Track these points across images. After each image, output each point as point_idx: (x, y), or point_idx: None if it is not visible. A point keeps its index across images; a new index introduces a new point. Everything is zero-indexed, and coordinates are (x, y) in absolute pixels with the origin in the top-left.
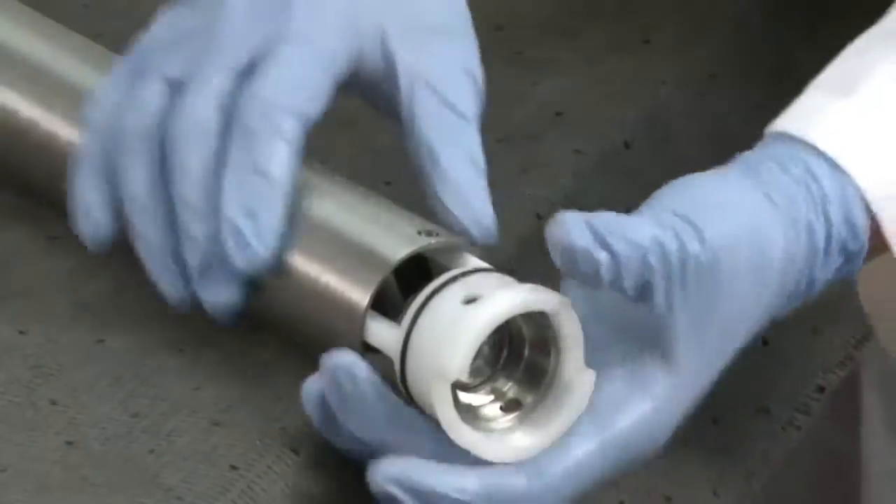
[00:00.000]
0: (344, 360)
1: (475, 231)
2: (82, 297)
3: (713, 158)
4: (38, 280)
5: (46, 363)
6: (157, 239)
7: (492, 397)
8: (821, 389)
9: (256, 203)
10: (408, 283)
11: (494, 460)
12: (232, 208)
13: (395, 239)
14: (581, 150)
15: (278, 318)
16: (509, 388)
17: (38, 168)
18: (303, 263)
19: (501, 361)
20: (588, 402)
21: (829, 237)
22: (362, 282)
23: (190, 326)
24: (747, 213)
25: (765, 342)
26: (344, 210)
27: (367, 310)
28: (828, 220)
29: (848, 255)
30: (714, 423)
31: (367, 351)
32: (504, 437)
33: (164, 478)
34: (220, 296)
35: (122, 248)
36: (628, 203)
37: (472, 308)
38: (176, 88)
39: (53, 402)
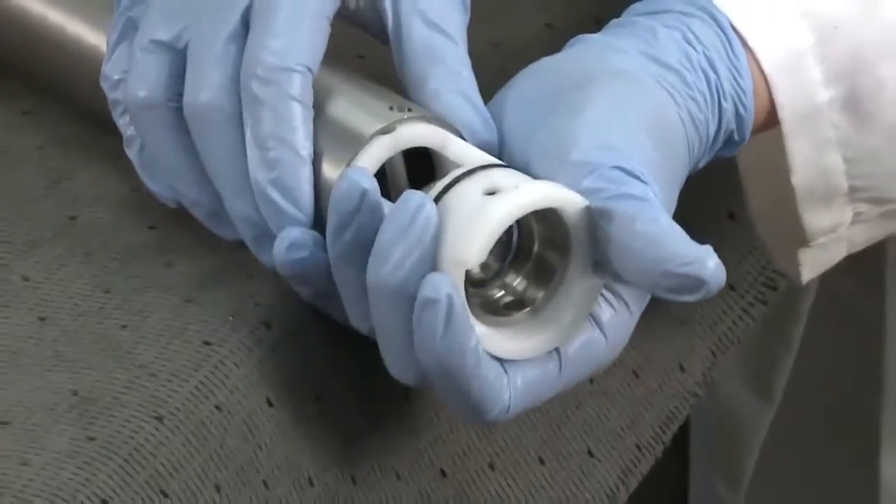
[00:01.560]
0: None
1: (480, 131)
2: (53, 174)
3: None
4: (8, 155)
5: (17, 239)
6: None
7: (501, 292)
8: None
9: (284, 174)
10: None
11: (498, 355)
12: (262, 184)
13: (367, 116)
14: (552, 25)
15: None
16: (518, 283)
17: (11, 41)
18: None
19: (511, 256)
20: (591, 309)
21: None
22: (335, 160)
23: (162, 204)
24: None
25: (731, 216)
26: (317, 85)
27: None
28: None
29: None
30: None
31: None
32: (510, 333)
33: (138, 354)
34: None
35: (89, 121)
36: None
37: (495, 198)
38: (174, 54)
39: (26, 279)
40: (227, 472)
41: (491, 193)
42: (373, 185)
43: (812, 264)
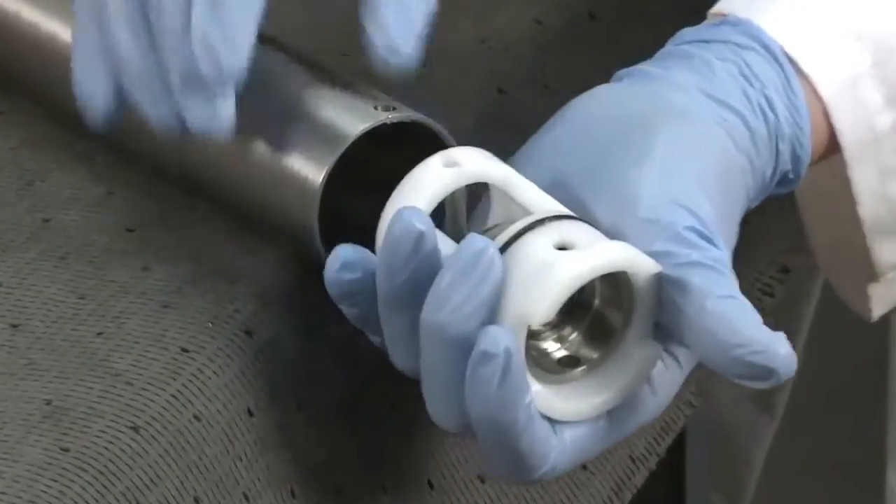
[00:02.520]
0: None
1: (389, 57)
2: (26, 176)
3: None
4: None
5: None
6: (139, 63)
7: (556, 346)
8: (785, 270)
9: (226, 14)
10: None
11: (550, 415)
12: (201, 22)
13: (352, 115)
14: (541, 21)
15: (234, 197)
16: (574, 339)
17: None
18: (258, 141)
19: (568, 309)
20: (649, 374)
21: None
22: (317, 160)
23: (139, 206)
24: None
25: None
26: (300, 86)
27: (321, 188)
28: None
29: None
30: None
31: (326, 231)
32: (564, 392)
33: (114, 361)
34: (201, 110)
35: (67, 125)
36: (593, 79)
37: (569, 255)
38: None
39: None
40: (207, 484)
41: (562, 249)
42: (429, 228)
43: (882, 298)
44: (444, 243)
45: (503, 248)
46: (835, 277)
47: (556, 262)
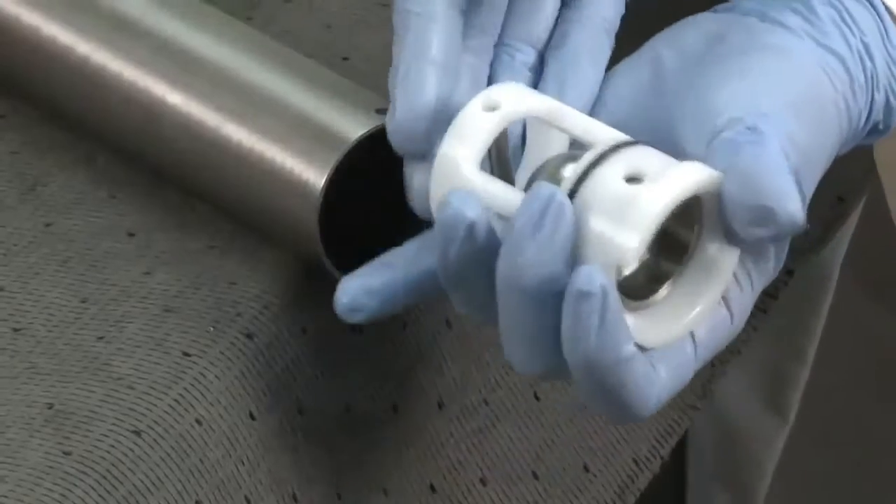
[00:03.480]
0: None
1: None
2: (28, 180)
3: None
4: None
5: None
6: None
7: (634, 268)
8: (789, 272)
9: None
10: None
11: (645, 345)
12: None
13: (353, 118)
14: None
15: (234, 201)
16: (649, 260)
17: None
18: (259, 144)
19: None
20: (730, 279)
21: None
22: (318, 162)
23: (141, 210)
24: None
25: None
26: (301, 89)
27: (322, 191)
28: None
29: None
30: None
31: (327, 234)
32: (652, 319)
33: (115, 365)
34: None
35: (67, 128)
36: None
37: (646, 189)
38: None
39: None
40: (208, 488)
41: (633, 179)
42: (478, 215)
43: None
44: (498, 190)
45: (574, 190)
46: None
47: (636, 197)
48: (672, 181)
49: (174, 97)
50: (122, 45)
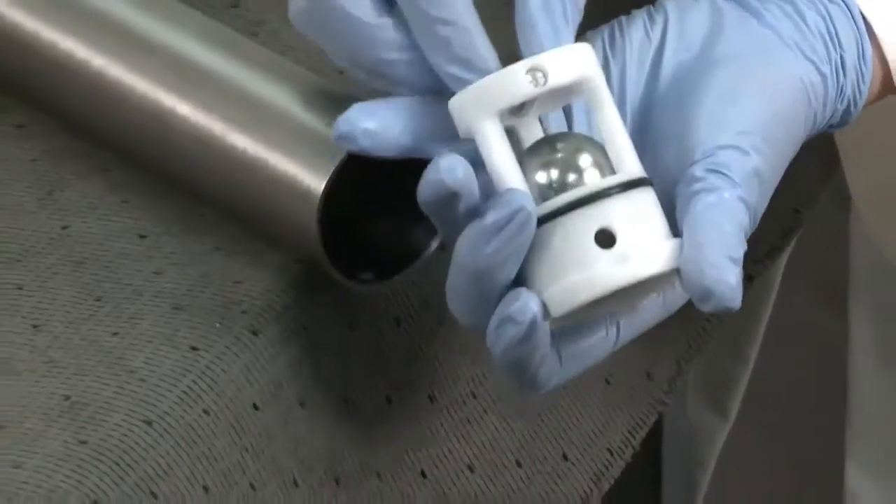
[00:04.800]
0: None
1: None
2: (46, 186)
3: None
4: (3, 169)
5: (11, 249)
6: None
7: None
8: (749, 278)
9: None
10: None
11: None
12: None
13: None
14: None
15: (240, 205)
16: None
17: (4, 58)
18: (262, 151)
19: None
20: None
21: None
22: (319, 169)
23: (152, 214)
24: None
25: None
26: (302, 100)
27: (322, 196)
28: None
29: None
30: None
31: (327, 237)
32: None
33: (128, 360)
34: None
35: (84, 138)
36: None
37: (603, 263)
38: None
39: (19, 288)
40: (215, 474)
41: (604, 238)
42: (463, 185)
43: None
44: (499, 159)
45: (549, 216)
46: (881, 238)
47: (589, 263)
48: (626, 269)
49: (183, 108)
50: (134, 60)
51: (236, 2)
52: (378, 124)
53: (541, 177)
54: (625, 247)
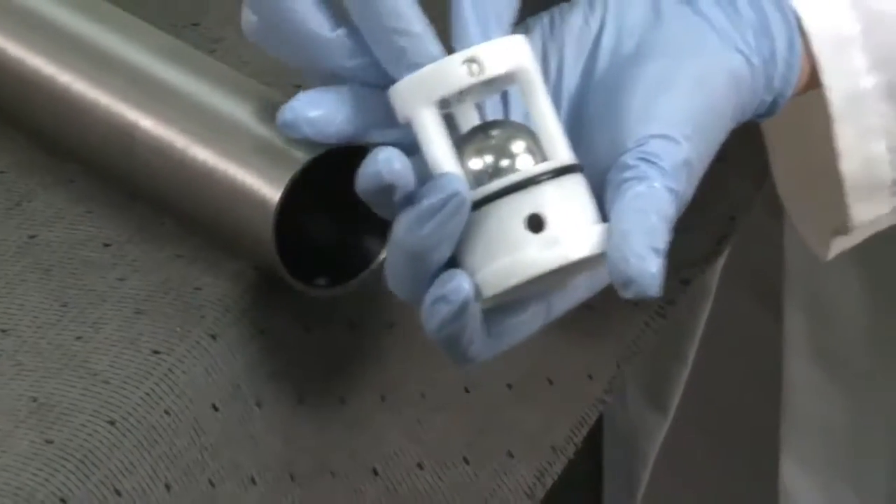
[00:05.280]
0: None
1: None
2: (14, 196)
3: None
4: None
5: None
6: None
7: None
8: (686, 282)
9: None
10: None
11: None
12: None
13: (306, 140)
14: None
15: (200, 215)
16: None
17: None
18: (222, 163)
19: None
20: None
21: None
22: (275, 180)
23: (115, 223)
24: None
25: None
26: (259, 114)
27: (277, 206)
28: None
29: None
30: (589, 310)
31: (283, 245)
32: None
33: (93, 363)
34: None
35: (47, 147)
36: None
37: (534, 246)
38: None
39: None
40: (176, 472)
41: (534, 222)
42: (398, 178)
43: (839, 247)
44: (435, 147)
45: (483, 201)
46: (800, 223)
47: (520, 247)
48: (555, 253)
49: (146, 122)
50: (99, 76)
51: (196, 20)
52: (321, 113)
53: (475, 163)
54: (554, 231)
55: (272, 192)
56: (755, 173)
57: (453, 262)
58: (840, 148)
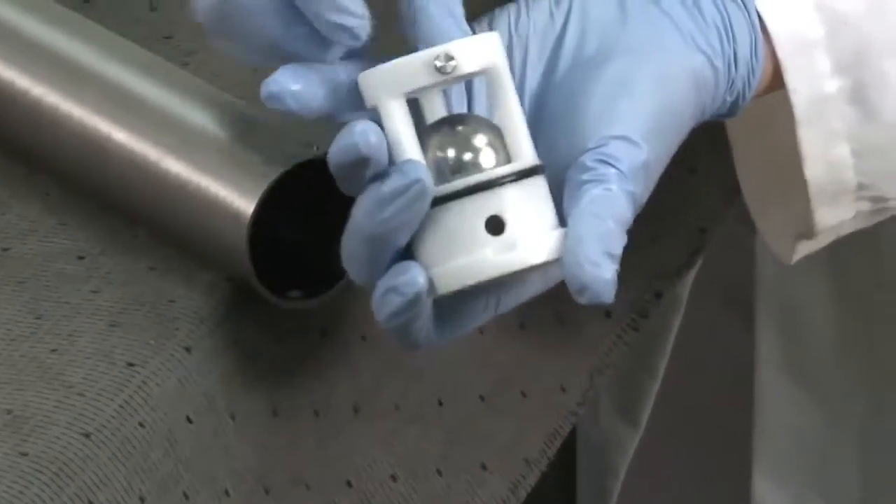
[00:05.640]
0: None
1: None
2: None
3: None
4: None
5: None
6: None
7: None
8: (658, 295)
9: None
10: None
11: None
12: None
13: (279, 152)
14: None
15: (174, 227)
16: None
17: None
18: (194, 174)
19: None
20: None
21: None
22: (248, 192)
23: (89, 235)
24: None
25: None
26: (232, 127)
27: (251, 218)
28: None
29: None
30: (562, 323)
31: (257, 257)
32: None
33: (67, 375)
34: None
35: (20, 160)
36: None
37: (491, 249)
38: None
39: None
40: (151, 484)
41: (494, 224)
42: (378, 141)
43: (804, 250)
44: (402, 136)
45: (444, 198)
46: (764, 226)
47: (478, 248)
48: (511, 257)
49: (119, 135)
50: (72, 89)
51: (169, 33)
52: (304, 87)
53: (439, 156)
54: (513, 235)
55: (246, 205)
56: (726, 185)
57: (410, 253)
58: (804, 152)
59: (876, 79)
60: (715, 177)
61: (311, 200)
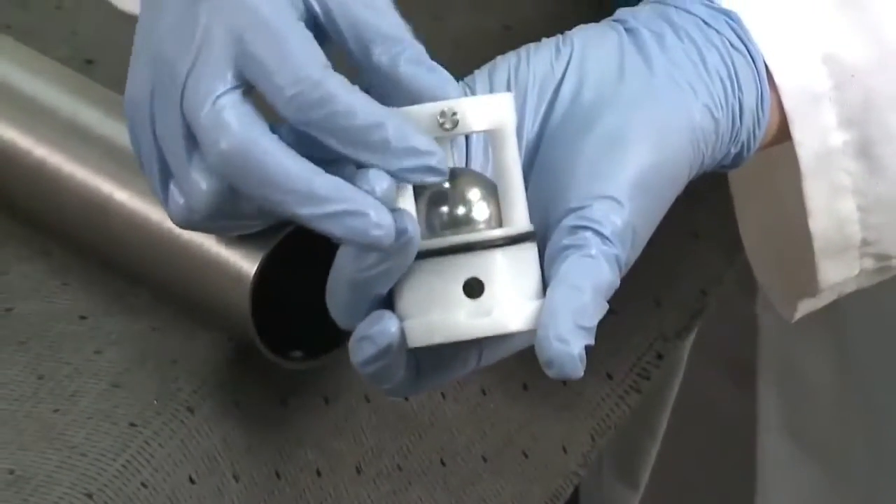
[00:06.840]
0: None
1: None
2: None
3: None
4: None
5: None
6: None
7: None
8: (660, 356)
9: None
10: None
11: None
12: None
13: None
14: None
15: (176, 287)
16: None
17: None
18: (198, 235)
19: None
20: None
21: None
22: (251, 253)
23: (92, 295)
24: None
25: (611, 311)
26: None
27: (254, 280)
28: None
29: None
30: (563, 386)
31: (260, 318)
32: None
33: (69, 435)
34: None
35: (21, 219)
36: None
37: (465, 312)
38: None
39: None
40: None
41: (473, 286)
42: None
43: (806, 308)
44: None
45: (429, 252)
46: (767, 283)
47: (452, 308)
48: (483, 323)
49: (121, 195)
50: (74, 149)
51: None
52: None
53: (430, 207)
54: (489, 301)
55: (249, 266)
56: (728, 247)
57: (391, 300)
58: (810, 205)
59: (882, 133)
60: (717, 238)
61: (315, 261)
